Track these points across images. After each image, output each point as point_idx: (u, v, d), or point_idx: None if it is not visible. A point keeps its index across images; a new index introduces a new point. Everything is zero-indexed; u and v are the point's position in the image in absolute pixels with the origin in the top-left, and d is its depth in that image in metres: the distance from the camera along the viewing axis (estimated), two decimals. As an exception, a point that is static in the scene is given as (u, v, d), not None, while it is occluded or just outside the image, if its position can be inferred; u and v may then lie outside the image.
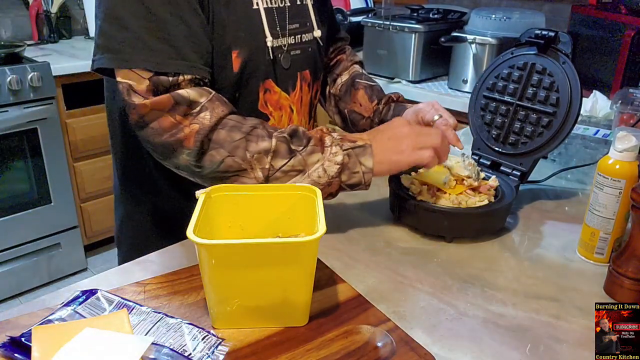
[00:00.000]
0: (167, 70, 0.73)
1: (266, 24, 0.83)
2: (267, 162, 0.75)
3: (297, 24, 0.89)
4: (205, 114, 0.74)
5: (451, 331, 0.65)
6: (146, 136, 0.76)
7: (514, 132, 0.95)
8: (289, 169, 0.76)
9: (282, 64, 0.86)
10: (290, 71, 0.89)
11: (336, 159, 0.77)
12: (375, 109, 1.04)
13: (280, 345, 0.60)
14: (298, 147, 0.77)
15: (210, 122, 0.74)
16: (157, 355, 0.56)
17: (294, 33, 0.89)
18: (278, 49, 0.86)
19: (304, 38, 0.92)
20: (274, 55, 0.85)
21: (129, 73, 0.73)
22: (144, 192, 0.95)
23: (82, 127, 2.30)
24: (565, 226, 0.90)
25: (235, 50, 0.80)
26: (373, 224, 0.90)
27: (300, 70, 0.92)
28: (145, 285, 0.69)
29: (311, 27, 0.93)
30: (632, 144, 0.72)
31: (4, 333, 0.59)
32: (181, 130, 0.74)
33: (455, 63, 2.01)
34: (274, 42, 0.84)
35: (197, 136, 0.74)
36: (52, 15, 2.58)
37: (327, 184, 0.77)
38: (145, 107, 0.73)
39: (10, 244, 2.22)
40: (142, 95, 0.73)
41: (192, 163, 0.76)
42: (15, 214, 2.19)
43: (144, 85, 0.73)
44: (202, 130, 0.74)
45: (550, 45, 0.91)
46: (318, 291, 0.67)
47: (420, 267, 0.78)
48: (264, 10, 0.83)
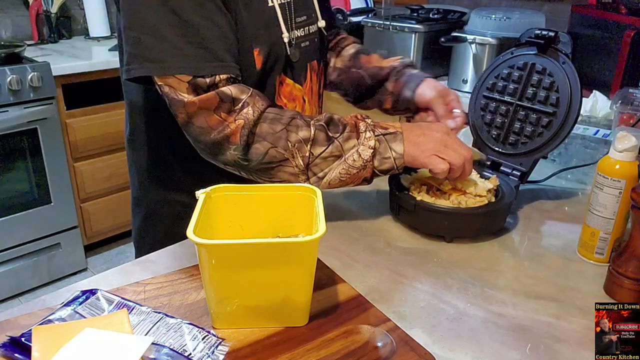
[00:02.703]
0: (204, 73, 0.76)
1: (282, 19, 0.85)
2: (307, 150, 0.79)
3: (304, 16, 0.92)
4: (248, 109, 0.78)
5: (451, 331, 0.65)
6: (196, 135, 0.79)
7: (514, 132, 0.95)
8: (328, 155, 0.80)
9: (292, 57, 0.88)
10: (301, 63, 0.91)
11: (369, 143, 0.80)
12: (397, 61, 1.04)
13: (280, 345, 0.60)
14: (335, 134, 0.80)
15: (253, 116, 0.78)
16: (157, 355, 0.56)
17: (302, 25, 0.91)
18: (290, 43, 0.88)
19: (311, 29, 0.94)
20: (289, 50, 0.87)
21: (169, 79, 0.76)
22: (167, 190, 0.96)
23: (82, 127, 2.31)
24: (565, 226, 0.90)
25: (257, 48, 0.82)
26: (373, 224, 0.90)
27: (310, 61, 0.94)
28: (145, 285, 0.69)
29: (316, 18, 0.96)
30: (632, 144, 0.72)
31: (4, 333, 0.59)
32: (227, 127, 0.77)
33: (455, 63, 2.01)
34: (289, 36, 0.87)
35: (242, 131, 0.78)
36: (52, 15, 2.58)
37: (361, 167, 0.80)
38: (193, 105, 0.77)
39: (10, 244, 2.22)
40: (186, 95, 0.77)
41: (240, 157, 0.80)
42: (15, 214, 2.19)
43: (184, 87, 0.76)
44: (247, 125, 0.78)
45: (550, 45, 0.91)
46: (318, 291, 0.67)
47: (420, 267, 0.78)
48: (278, 6, 0.85)
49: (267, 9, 0.84)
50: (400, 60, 1.05)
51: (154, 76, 0.77)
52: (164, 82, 0.77)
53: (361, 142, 0.80)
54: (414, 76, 1.01)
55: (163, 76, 0.76)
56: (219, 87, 0.77)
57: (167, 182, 0.95)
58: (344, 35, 1.14)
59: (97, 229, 2.51)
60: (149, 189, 0.98)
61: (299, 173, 0.80)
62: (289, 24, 0.88)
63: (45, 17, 2.59)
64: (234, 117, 0.77)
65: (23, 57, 2.20)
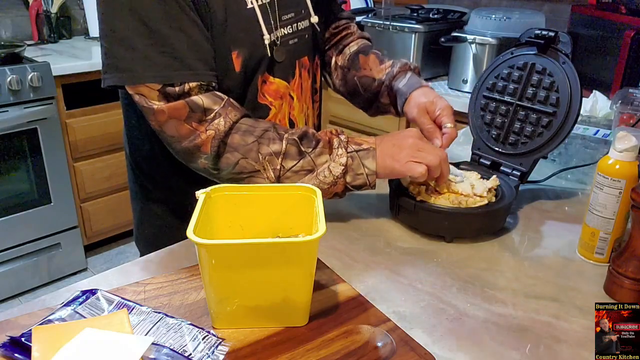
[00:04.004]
0: (174, 82, 0.77)
1: (262, 21, 0.84)
2: (279, 163, 0.80)
3: (291, 13, 0.91)
4: (220, 120, 0.79)
5: (451, 331, 0.65)
6: (168, 142, 0.82)
7: (514, 132, 0.95)
8: (299, 169, 0.81)
9: (276, 58, 0.87)
10: (288, 61, 0.91)
11: (341, 160, 0.81)
12: (387, 70, 1.03)
13: (280, 345, 0.60)
14: (307, 149, 0.81)
15: (224, 127, 0.79)
16: (157, 355, 0.56)
17: (289, 23, 0.90)
18: (273, 43, 0.87)
19: (300, 26, 0.93)
20: (271, 50, 0.86)
21: (140, 87, 0.77)
22: (157, 188, 0.98)
23: (82, 127, 2.30)
24: (565, 226, 0.90)
25: (235, 51, 0.82)
26: (373, 224, 0.90)
27: (299, 58, 0.94)
28: (145, 285, 0.69)
29: (307, 14, 0.95)
30: (632, 144, 0.72)
31: (4, 333, 0.59)
32: (198, 137, 0.79)
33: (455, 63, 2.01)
34: (271, 37, 0.86)
35: (213, 142, 0.79)
36: (52, 15, 2.58)
37: (332, 183, 0.81)
38: (163, 114, 0.78)
39: (10, 244, 2.22)
40: (157, 102, 0.77)
41: (210, 166, 0.82)
42: (15, 214, 2.19)
43: (155, 95, 0.77)
44: (217, 136, 0.79)
45: (550, 45, 0.91)
46: (318, 291, 0.67)
47: (420, 267, 0.78)
48: (258, 7, 0.84)
49: (246, 12, 0.83)
50: (389, 69, 1.02)
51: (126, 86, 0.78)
52: (134, 90, 0.78)
53: (333, 159, 0.81)
54: (401, 91, 0.99)
55: (133, 85, 0.77)
56: (190, 95, 0.78)
57: (157, 181, 0.97)
58: (351, 30, 1.12)
59: (97, 229, 2.51)
60: (140, 186, 1.00)
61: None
62: (273, 24, 0.87)
63: (45, 17, 2.59)
64: (205, 127, 0.78)
65: (23, 57, 2.20)
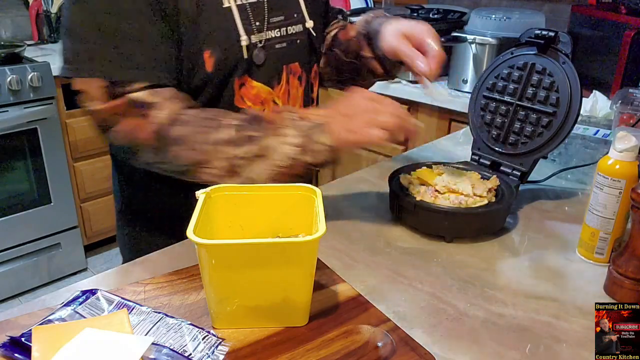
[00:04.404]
0: (120, 79, 0.75)
1: (239, 22, 0.81)
2: (227, 151, 0.76)
3: (281, 16, 0.87)
4: (160, 113, 0.76)
5: (451, 331, 0.65)
6: (111, 139, 0.79)
7: (514, 132, 0.95)
8: (250, 155, 0.76)
9: (255, 59, 0.84)
10: (273, 65, 0.87)
11: (293, 140, 0.76)
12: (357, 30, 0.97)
13: (280, 345, 0.60)
14: (255, 133, 0.76)
15: (166, 119, 0.76)
16: (157, 355, 0.56)
17: (277, 26, 0.87)
18: (253, 45, 0.84)
19: (291, 30, 0.89)
20: (249, 53, 0.83)
21: (85, 82, 0.76)
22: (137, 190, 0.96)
23: (82, 127, 2.30)
24: (565, 226, 0.90)
25: (208, 50, 0.79)
26: (373, 224, 0.90)
27: (287, 63, 0.90)
28: (145, 285, 0.69)
29: (301, 19, 0.91)
30: (632, 144, 0.72)
31: (4, 333, 0.59)
32: (140, 131, 0.76)
33: (455, 63, 2.01)
34: (251, 38, 0.83)
35: (155, 135, 0.76)
36: (52, 15, 2.58)
37: (289, 165, 0.76)
38: (102, 112, 0.76)
39: (10, 244, 2.22)
40: (99, 101, 0.76)
41: (157, 160, 0.78)
42: (15, 214, 2.19)
43: (99, 92, 0.75)
44: (159, 129, 0.76)
45: (550, 45, 0.91)
46: (318, 291, 0.67)
47: (420, 267, 0.77)
48: (236, 7, 0.81)
49: (222, 11, 0.80)
50: (362, 17, 0.97)
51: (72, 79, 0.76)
52: (81, 86, 0.76)
53: (284, 141, 0.76)
54: (374, 29, 0.93)
55: (78, 78, 0.76)
56: (133, 93, 0.75)
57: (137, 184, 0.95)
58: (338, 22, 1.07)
59: (97, 229, 2.51)
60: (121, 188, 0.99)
61: (223, 174, 0.77)
62: (257, 25, 0.84)
63: (45, 17, 2.59)
64: (148, 120, 0.76)
65: (23, 57, 2.20)
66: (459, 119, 1.87)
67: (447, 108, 1.90)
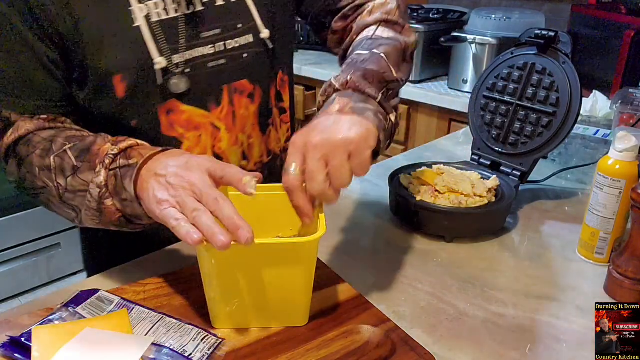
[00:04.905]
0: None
1: (152, 43, 0.70)
2: (54, 180, 0.66)
3: (217, 29, 0.75)
4: (11, 132, 0.70)
5: (451, 331, 0.65)
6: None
7: (514, 132, 0.95)
8: (72, 188, 0.65)
9: (172, 89, 0.73)
10: (207, 86, 0.76)
11: (97, 179, 0.63)
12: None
13: (280, 345, 0.60)
14: (79, 163, 0.65)
15: (12, 139, 0.70)
16: (157, 355, 0.56)
17: (211, 41, 0.75)
18: (175, 66, 0.73)
19: (232, 44, 0.77)
20: (166, 78, 0.73)
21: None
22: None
23: (82, 127, 2.30)
24: (565, 226, 0.90)
25: (118, 75, 0.70)
26: (373, 224, 0.90)
27: (229, 82, 0.78)
28: (145, 285, 0.69)
29: (250, 29, 0.78)
30: (632, 144, 0.72)
31: (4, 333, 0.59)
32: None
33: (455, 63, 2.01)
34: (173, 59, 0.72)
35: (3, 154, 0.71)
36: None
37: (97, 210, 0.64)
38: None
39: (10, 244, 2.22)
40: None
41: (11, 180, 0.73)
42: (15, 214, 2.19)
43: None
44: (6, 148, 0.71)
45: (550, 45, 0.91)
46: (318, 291, 0.67)
47: (420, 267, 0.77)
48: (148, 26, 0.70)
49: (132, 30, 0.69)
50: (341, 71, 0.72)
51: None
52: None
53: (92, 179, 0.63)
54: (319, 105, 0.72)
55: None
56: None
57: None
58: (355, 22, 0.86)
59: (97, 229, 2.51)
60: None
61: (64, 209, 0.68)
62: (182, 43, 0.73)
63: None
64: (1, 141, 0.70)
65: None
66: (459, 119, 1.87)
67: (447, 108, 1.90)
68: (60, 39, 0.67)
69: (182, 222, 0.54)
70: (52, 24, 0.66)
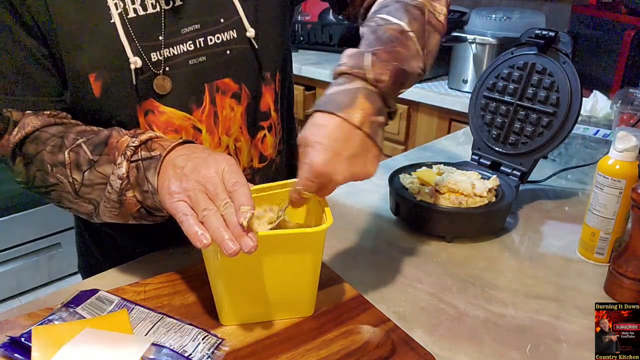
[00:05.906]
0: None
1: (126, 40, 0.68)
2: (69, 175, 0.66)
3: (196, 24, 0.72)
4: (16, 130, 0.69)
5: (451, 331, 0.65)
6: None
7: (514, 132, 0.95)
8: (90, 182, 0.65)
9: (157, 90, 0.71)
10: (186, 85, 0.73)
11: (119, 171, 0.62)
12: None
13: (280, 345, 0.60)
14: (95, 157, 0.65)
15: (18, 137, 0.69)
16: (157, 355, 0.56)
17: (191, 37, 0.72)
18: (157, 64, 0.71)
19: (213, 40, 0.74)
20: (143, 77, 0.70)
21: None
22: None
23: (82, 127, 2.30)
24: (565, 226, 0.90)
25: (92, 73, 0.68)
26: (373, 224, 0.90)
27: (210, 80, 0.75)
28: (145, 285, 0.69)
29: (234, 24, 0.75)
30: (632, 144, 0.72)
31: (4, 333, 0.59)
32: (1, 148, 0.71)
33: (455, 63, 2.01)
34: (151, 57, 0.70)
35: (10, 153, 0.70)
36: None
37: (117, 201, 0.64)
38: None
39: (10, 244, 2.22)
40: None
41: (18, 180, 0.72)
42: (15, 214, 2.19)
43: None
44: (13, 147, 0.70)
45: (550, 45, 0.91)
46: (318, 291, 0.67)
47: (420, 267, 0.77)
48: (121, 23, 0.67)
49: (107, 28, 0.67)
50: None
51: None
52: None
53: (113, 170, 0.63)
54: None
55: None
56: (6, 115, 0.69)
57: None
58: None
59: (97, 229, 2.51)
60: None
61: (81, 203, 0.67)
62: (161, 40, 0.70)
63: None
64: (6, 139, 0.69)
65: None
66: (459, 119, 1.87)
67: (447, 108, 1.90)
68: (41, 34, 0.66)
69: (190, 219, 0.54)
70: (33, 17, 0.65)
